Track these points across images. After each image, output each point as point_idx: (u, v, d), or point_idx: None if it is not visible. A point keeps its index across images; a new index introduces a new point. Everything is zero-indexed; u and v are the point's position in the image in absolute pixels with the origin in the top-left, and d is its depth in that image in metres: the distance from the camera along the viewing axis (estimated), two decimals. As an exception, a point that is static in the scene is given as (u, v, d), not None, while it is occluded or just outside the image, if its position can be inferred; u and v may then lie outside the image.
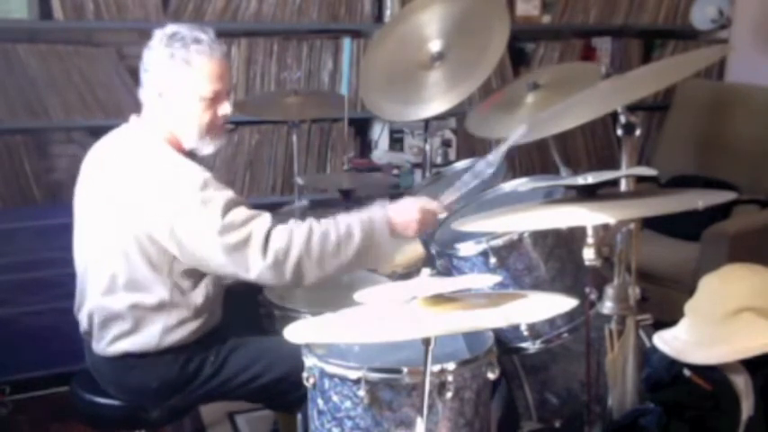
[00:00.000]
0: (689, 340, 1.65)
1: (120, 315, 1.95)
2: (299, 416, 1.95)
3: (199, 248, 1.86)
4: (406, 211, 1.99)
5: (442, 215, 2.07)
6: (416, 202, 2.02)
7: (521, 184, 2.24)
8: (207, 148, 2.00)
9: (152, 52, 1.94)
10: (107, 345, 1.99)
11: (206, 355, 1.99)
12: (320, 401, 1.77)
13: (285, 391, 1.98)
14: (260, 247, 1.84)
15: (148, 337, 1.94)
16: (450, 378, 1.68)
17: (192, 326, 1.96)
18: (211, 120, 1.96)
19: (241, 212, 1.86)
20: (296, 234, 1.86)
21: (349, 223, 1.92)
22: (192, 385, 2.00)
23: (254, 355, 2.00)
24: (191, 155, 2.00)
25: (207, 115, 1.95)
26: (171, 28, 1.95)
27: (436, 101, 2.62)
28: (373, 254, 1.95)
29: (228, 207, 1.85)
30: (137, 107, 3.23)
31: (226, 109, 1.97)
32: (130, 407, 2.02)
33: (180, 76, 1.93)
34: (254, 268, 1.85)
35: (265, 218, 1.88)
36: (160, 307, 1.93)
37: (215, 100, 1.95)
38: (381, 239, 1.95)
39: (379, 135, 3.70)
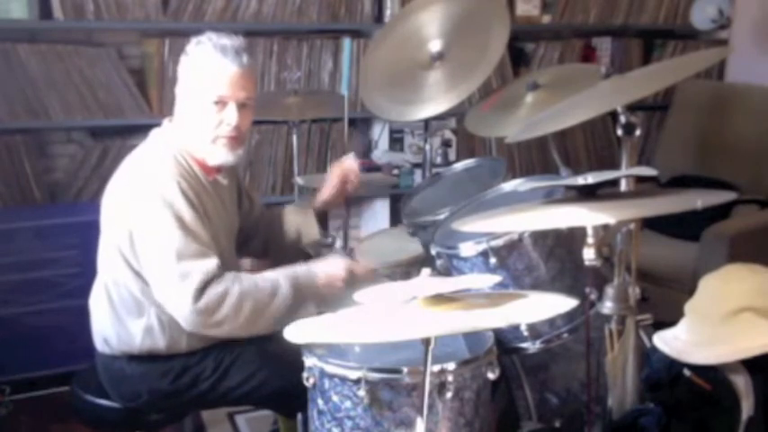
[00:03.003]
0: (689, 340, 1.65)
1: (104, 313, 1.98)
2: (299, 416, 1.95)
3: (148, 265, 1.88)
4: (333, 268, 2.01)
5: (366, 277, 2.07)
6: (343, 262, 2.03)
7: (520, 184, 2.24)
8: (219, 157, 1.96)
9: (182, 58, 1.97)
10: (99, 344, 2.02)
11: (201, 369, 1.98)
12: (320, 401, 1.77)
13: (286, 399, 1.98)
14: (195, 290, 1.82)
15: (127, 337, 1.96)
16: (450, 378, 1.68)
17: (177, 332, 1.94)
18: (217, 125, 1.94)
19: (191, 246, 1.84)
20: (231, 294, 1.84)
21: (278, 282, 1.92)
22: (187, 397, 1.99)
23: (254, 368, 1.99)
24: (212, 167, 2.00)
25: (213, 120, 1.93)
26: (205, 35, 1.95)
27: (436, 101, 2.62)
28: (298, 312, 1.93)
29: (184, 238, 1.84)
30: (137, 107, 3.27)
31: (231, 117, 1.93)
32: (129, 408, 2.02)
33: (190, 78, 1.94)
34: (182, 307, 1.83)
35: (211, 262, 1.85)
36: (139, 306, 1.94)
37: (222, 105, 1.93)
38: (308, 296, 1.96)
39: (379, 135, 3.70)
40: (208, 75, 1.92)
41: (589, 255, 1.58)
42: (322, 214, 2.34)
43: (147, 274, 1.90)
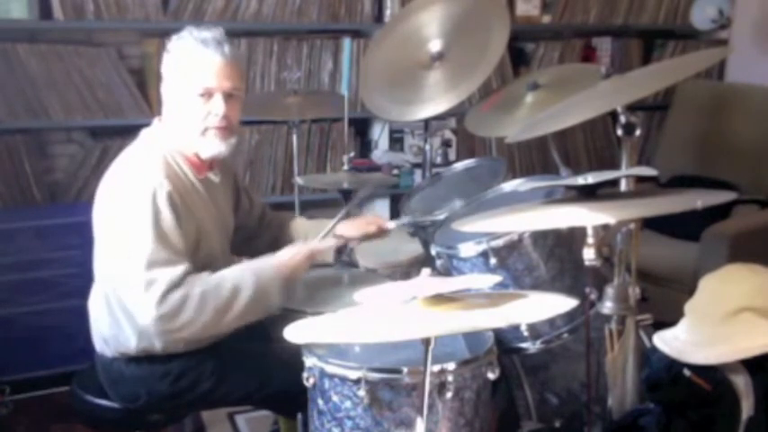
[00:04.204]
0: (689, 340, 1.65)
1: (102, 314, 1.98)
2: (299, 416, 1.95)
3: (115, 263, 1.88)
4: (294, 254, 2.00)
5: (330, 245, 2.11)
6: (305, 245, 2.04)
7: (521, 184, 2.24)
8: (211, 148, 1.96)
9: (164, 55, 1.97)
10: (98, 344, 2.03)
11: (201, 371, 1.97)
12: (320, 401, 1.77)
13: (287, 399, 1.97)
14: (158, 298, 1.81)
15: (123, 339, 1.95)
16: (450, 378, 1.68)
17: None
18: (205, 117, 1.93)
19: (161, 254, 1.83)
20: (192, 296, 1.83)
21: (241, 275, 1.91)
22: (186, 398, 1.99)
23: (254, 369, 2.00)
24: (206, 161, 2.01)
25: (200, 112, 1.93)
26: (185, 29, 1.95)
27: (436, 101, 2.62)
28: (263, 304, 1.93)
29: (155, 244, 1.83)
30: (137, 107, 3.27)
31: (218, 107, 1.92)
32: (129, 409, 2.02)
33: (175, 74, 1.94)
34: (146, 315, 1.82)
35: (177, 270, 1.84)
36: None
37: (208, 96, 1.92)
38: (272, 286, 1.94)
39: (379, 135, 3.70)
40: (191, 68, 1.91)
41: (589, 255, 1.58)
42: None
43: (112, 271, 1.89)
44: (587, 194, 1.63)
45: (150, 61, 3.29)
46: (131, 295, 1.86)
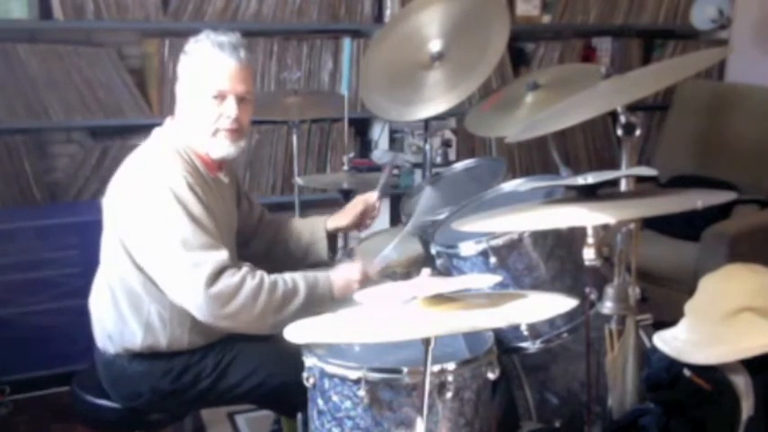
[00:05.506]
0: (689, 340, 1.65)
1: (107, 310, 1.98)
2: (299, 416, 1.96)
3: (155, 258, 1.88)
4: (349, 275, 2.02)
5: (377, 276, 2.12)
6: (358, 266, 2.05)
7: (521, 184, 2.24)
8: (221, 149, 1.99)
9: (181, 56, 2.00)
10: (101, 342, 2.03)
11: (202, 367, 1.98)
12: (320, 401, 1.77)
13: (287, 397, 1.98)
14: (207, 277, 1.83)
15: (129, 334, 1.96)
16: (450, 378, 1.68)
17: (178, 329, 1.95)
18: (217, 119, 1.96)
19: (201, 238, 1.86)
20: (247, 284, 1.86)
21: (296, 282, 1.94)
22: (187, 396, 2.00)
23: (254, 366, 2.00)
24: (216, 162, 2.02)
25: (213, 114, 1.95)
26: (203, 33, 1.98)
27: (436, 101, 2.62)
28: (312, 312, 1.93)
29: (193, 229, 1.85)
30: (137, 107, 3.27)
31: (230, 110, 1.95)
32: (129, 408, 2.02)
33: (190, 75, 1.97)
34: (195, 294, 1.83)
35: (221, 254, 1.86)
36: (139, 302, 1.94)
37: (221, 99, 1.95)
38: (323, 301, 1.97)
39: (379, 135, 3.70)
40: (207, 70, 1.94)
41: (589, 255, 1.58)
42: (332, 236, 2.34)
43: (153, 269, 1.89)
44: (587, 194, 1.63)
45: (150, 61, 3.29)
46: (177, 281, 1.86)
